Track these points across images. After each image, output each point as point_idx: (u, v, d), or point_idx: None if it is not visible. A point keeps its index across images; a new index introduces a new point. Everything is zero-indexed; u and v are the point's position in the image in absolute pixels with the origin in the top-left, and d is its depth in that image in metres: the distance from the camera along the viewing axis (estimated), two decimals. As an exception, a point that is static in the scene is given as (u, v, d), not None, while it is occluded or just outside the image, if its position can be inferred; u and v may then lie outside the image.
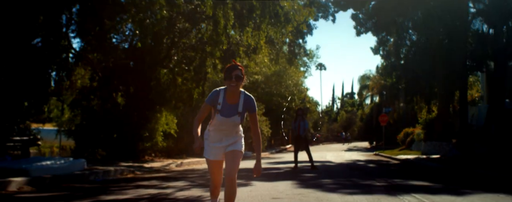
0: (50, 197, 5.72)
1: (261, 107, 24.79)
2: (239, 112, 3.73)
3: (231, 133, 3.82)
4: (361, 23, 20.31)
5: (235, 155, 3.78)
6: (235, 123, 3.75)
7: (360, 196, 5.75)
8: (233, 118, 3.72)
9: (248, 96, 3.80)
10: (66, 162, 9.03)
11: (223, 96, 3.75)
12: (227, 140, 3.82)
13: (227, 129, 3.79)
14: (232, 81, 3.64)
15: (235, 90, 3.68)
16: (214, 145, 3.82)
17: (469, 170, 10.11)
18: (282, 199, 5.50)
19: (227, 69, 3.73)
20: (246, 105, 3.76)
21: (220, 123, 3.74)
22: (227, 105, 3.74)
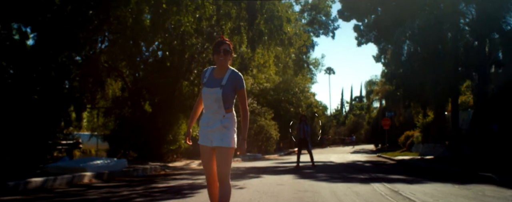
0: (117, 186, 7.92)
1: (270, 112, 26.97)
2: (222, 85, 3.67)
3: (217, 112, 3.69)
4: (362, 34, 22.44)
5: (221, 154, 3.66)
6: (217, 96, 3.65)
7: (341, 183, 7.89)
8: (215, 90, 3.66)
9: (236, 73, 3.78)
10: (112, 161, 11.25)
11: (211, 72, 3.81)
12: (214, 123, 3.69)
13: (210, 106, 3.70)
14: (220, 55, 3.68)
15: (223, 64, 3.71)
16: (203, 128, 3.78)
17: (446, 168, 12.14)
18: (284, 185, 7.67)
19: (216, 44, 3.77)
20: (232, 79, 3.71)
21: (204, 96, 3.74)
22: (213, 78, 3.75)
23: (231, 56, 3.76)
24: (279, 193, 6.54)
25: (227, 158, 3.64)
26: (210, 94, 3.66)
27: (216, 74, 3.75)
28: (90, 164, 10.53)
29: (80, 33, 11.88)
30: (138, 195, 6.49)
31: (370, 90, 41.37)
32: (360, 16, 24.50)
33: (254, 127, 23.68)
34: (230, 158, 3.69)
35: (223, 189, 3.61)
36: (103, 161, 11.16)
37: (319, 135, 42.58)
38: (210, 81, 3.73)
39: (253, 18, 10.99)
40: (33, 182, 7.04)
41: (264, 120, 25.73)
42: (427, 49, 19.92)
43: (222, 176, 3.62)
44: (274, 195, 6.36)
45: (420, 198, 5.99)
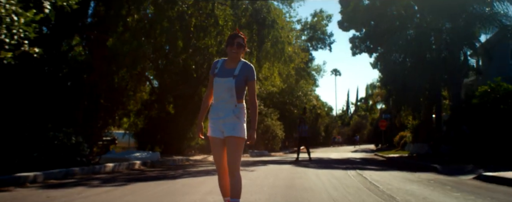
0: (162, 170, 11.09)
1: (276, 113, 30.14)
2: (234, 75, 3.72)
3: (229, 102, 3.75)
4: (356, 45, 25.56)
5: (233, 143, 3.72)
6: (230, 86, 3.71)
7: (325, 170, 11.03)
8: (228, 79, 3.71)
9: (247, 63, 3.85)
10: (148, 153, 14.46)
11: (222, 63, 3.87)
12: (226, 113, 3.75)
13: (222, 97, 3.75)
14: (233, 48, 3.76)
15: (235, 57, 3.79)
16: (213, 120, 3.81)
17: (416, 162, 15.17)
18: (283, 170, 10.83)
19: (230, 37, 3.84)
20: (244, 70, 3.78)
21: (216, 86, 3.78)
22: (225, 69, 3.81)
23: (244, 50, 3.84)
24: (279, 173, 9.71)
25: (238, 147, 3.73)
26: (223, 83, 3.73)
27: (228, 65, 3.83)
28: (132, 155, 13.75)
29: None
30: (182, 174, 9.67)
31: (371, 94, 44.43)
32: (357, 27, 27.62)
33: (261, 127, 26.86)
34: (241, 148, 3.78)
35: (234, 180, 3.70)
36: (141, 153, 14.39)
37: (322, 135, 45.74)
38: (221, 71, 3.80)
39: (261, 42, 14.12)
40: (107, 166, 10.24)
41: (270, 120, 28.89)
42: (415, 59, 22.97)
43: (233, 165, 3.71)
44: (275, 174, 9.52)
45: (373, 178, 9.08)
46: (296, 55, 17.02)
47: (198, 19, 13.39)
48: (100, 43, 11.70)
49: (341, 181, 8.29)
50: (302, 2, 27.47)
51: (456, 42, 19.94)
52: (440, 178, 9.25)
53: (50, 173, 7.91)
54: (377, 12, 25.15)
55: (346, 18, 27.90)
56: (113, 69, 12.26)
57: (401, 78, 24.12)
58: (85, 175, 8.96)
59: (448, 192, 6.73)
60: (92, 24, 12.44)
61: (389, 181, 8.46)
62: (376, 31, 24.87)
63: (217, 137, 3.81)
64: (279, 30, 14.58)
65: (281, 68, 16.86)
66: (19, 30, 5.50)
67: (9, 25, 5.39)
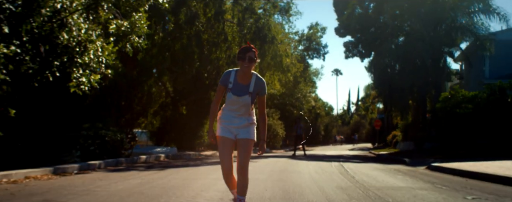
0: (184, 161, 14.04)
1: (277, 112, 33.14)
2: (250, 92, 4.02)
3: (242, 115, 4.09)
4: (349, 50, 28.55)
5: (247, 144, 4.09)
6: (246, 103, 4.02)
7: (315, 162, 14.00)
8: (244, 97, 4.01)
9: (260, 78, 4.12)
10: (168, 149, 17.46)
11: (235, 76, 4.08)
12: (240, 121, 4.10)
13: (238, 110, 4.06)
14: (245, 62, 3.97)
15: (247, 71, 4.02)
16: (225, 124, 4.14)
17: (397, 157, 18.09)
18: (280, 161, 13.81)
19: (242, 50, 4.05)
20: (257, 86, 4.07)
21: (231, 101, 4.07)
22: (238, 84, 4.05)
23: (255, 63, 4.03)
24: (276, 163, 12.70)
25: (250, 149, 4.12)
26: (239, 101, 4.02)
27: (241, 79, 4.05)
28: (154, 150, 16.79)
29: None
30: (200, 164, 12.65)
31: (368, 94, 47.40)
32: (352, 33, 30.57)
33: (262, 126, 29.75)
34: (252, 148, 4.17)
35: (244, 179, 4.06)
36: (161, 148, 17.43)
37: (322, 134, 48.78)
38: (236, 88, 4.04)
39: (263, 55, 17.10)
40: (141, 158, 13.24)
41: (272, 120, 31.86)
42: (403, 64, 25.89)
43: (245, 164, 4.05)
44: (273, 164, 12.51)
45: (349, 167, 12.02)
46: (293, 66, 20.10)
47: (211, 36, 16.39)
48: (132, 57, 14.66)
49: (323, 168, 11.26)
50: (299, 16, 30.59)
51: (437, 50, 22.87)
52: (401, 168, 12.20)
53: (106, 162, 10.91)
54: (369, 20, 28.05)
55: (342, 25, 30.80)
56: (143, 79, 15.25)
57: (391, 82, 27.08)
58: (129, 163, 11.97)
59: (395, 176, 9.67)
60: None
61: (360, 169, 11.42)
62: (367, 37, 27.80)
63: (228, 137, 4.12)
64: (278, 45, 17.61)
65: (281, 76, 19.95)
66: (103, 59, 8.38)
67: (95, 55, 8.27)
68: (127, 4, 8.66)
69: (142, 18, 8.62)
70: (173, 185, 7.07)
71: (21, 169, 7.61)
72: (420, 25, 23.52)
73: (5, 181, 6.89)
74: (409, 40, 25.38)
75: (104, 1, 7.53)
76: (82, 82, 7.53)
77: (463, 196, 6.16)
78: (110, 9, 8.04)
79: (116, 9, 8.55)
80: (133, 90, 14.71)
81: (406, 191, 6.75)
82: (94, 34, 7.91)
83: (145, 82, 15.66)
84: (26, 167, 7.95)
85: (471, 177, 8.88)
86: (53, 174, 8.31)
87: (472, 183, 7.96)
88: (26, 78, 7.04)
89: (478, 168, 9.67)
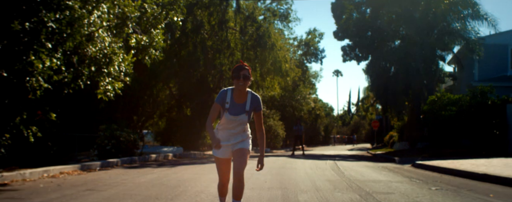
0: (190, 159, 15.37)
1: (277, 114, 34.46)
2: (246, 111, 4.19)
3: (239, 132, 4.30)
4: (347, 53, 29.89)
5: (243, 153, 4.28)
6: (243, 121, 4.23)
7: (311, 160, 15.33)
8: (241, 116, 4.19)
9: (255, 96, 4.30)
10: (174, 148, 18.78)
11: (231, 96, 4.22)
12: (235, 139, 4.30)
13: (234, 128, 4.25)
14: (239, 81, 4.13)
15: (242, 89, 4.19)
16: (222, 143, 4.27)
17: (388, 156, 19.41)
18: (279, 160, 15.14)
19: (235, 69, 4.21)
20: (253, 104, 4.26)
21: (228, 121, 4.21)
22: (235, 104, 4.20)
23: (249, 81, 4.22)
24: (276, 161, 14.03)
25: (246, 157, 4.35)
26: (236, 120, 4.24)
27: (237, 99, 4.24)
28: (162, 149, 18.11)
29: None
30: (206, 162, 13.96)
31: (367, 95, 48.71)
32: (350, 37, 31.94)
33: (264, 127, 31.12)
34: (249, 156, 4.39)
35: (240, 185, 4.24)
36: (168, 148, 18.74)
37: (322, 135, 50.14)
38: (233, 108, 4.22)
39: (264, 61, 18.45)
40: (152, 156, 14.57)
41: (272, 121, 33.18)
42: (399, 67, 27.22)
43: (242, 171, 4.23)
44: (273, 162, 13.83)
45: (342, 165, 13.33)
46: (291, 71, 21.49)
47: (215, 43, 17.75)
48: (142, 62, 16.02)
49: (318, 166, 12.59)
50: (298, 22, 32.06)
51: (430, 54, 24.21)
52: (389, 166, 13.51)
53: (122, 160, 12.24)
54: (365, 24, 29.37)
55: (340, 29, 32.12)
56: (152, 83, 16.60)
57: (387, 84, 28.42)
58: (141, 161, 13.32)
59: (380, 172, 10.99)
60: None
61: (351, 166, 12.74)
62: (364, 41, 29.15)
63: (225, 158, 4.38)
64: (278, 51, 18.97)
65: (280, 81, 21.35)
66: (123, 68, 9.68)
67: (118, 65, 9.56)
68: (146, 22, 9.96)
69: (159, 34, 9.94)
70: (187, 178, 8.40)
71: (55, 165, 8.94)
72: (414, 30, 24.82)
73: (45, 176, 8.22)
74: (404, 44, 26.76)
75: (130, 20, 8.85)
76: (108, 90, 8.84)
77: (429, 187, 7.48)
78: (133, 27, 9.36)
79: (137, 26, 9.85)
80: (143, 94, 16.03)
81: (384, 183, 8.07)
82: (116, 46, 9.23)
83: (154, 86, 17.03)
84: (57, 164, 9.28)
85: (446, 173, 10.20)
86: (81, 170, 9.64)
87: (444, 178, 9.27)
88: (61, 86, 8.34)
89: (454, 165, 10.98)
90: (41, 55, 7.21)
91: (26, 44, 7.10)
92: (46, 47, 7.33)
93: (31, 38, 7.10)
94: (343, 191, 6.88)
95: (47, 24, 7.29)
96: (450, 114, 16.22)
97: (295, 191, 6.84)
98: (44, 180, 7.84)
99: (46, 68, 7.32)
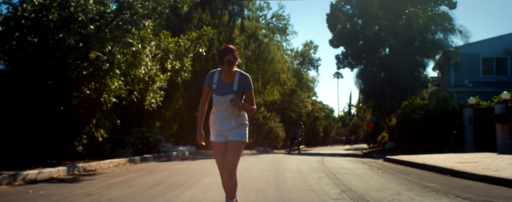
0: (204, 156, 19.10)
1: (278, 116, 38.26)
2: (233, 91, 4.19)
3: (231, 115, 4.31)
4: (340, 61, 33.69)
5: (235, 147, 4.31)
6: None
7: (303, 156, 19.08)
8: (228, 96, 4.21)
9: (243, 74, 4.29)
10: (188, 147, 22.53)
11: (218, 76, 4.29)
12: (229, 123, 4.34)
13: (225, 110, 4.29)
14: (224, 67, 4.21)
15: (229, 73, 4.27)
16: (216, 128, 4.42)
17: (373, 154, 23.08)
18: (277, 156, 18.89)
19: (220, 53, 4.24)
20: (241, 83, 4.24)
21: (217, 103, 4.30)
22: (222, 84, 4.26)
23: (236, 62, 4.25)
24: (274, 157, 17.79)
25: (239, 150, 4.37)
26: (224, 100, 4.29)
27: (224, 79, 4.32)
28: (178, 148, 21.88)
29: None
30: (218, 158, 17.70)
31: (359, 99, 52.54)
32: (344, 45, 35.72)
33: (265, 128, 34.97)
34: (241, 150, 4.44)
35: (232, 182, 4.32)
36: (183, 147, 22.53)
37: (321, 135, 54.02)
38: (220, 88, 4.31)
39: (265, 72, 22.19)
40: (173, 153, 18.32)
41: (273, 123, 36.94)
42: (387, 73, 31.01)
43: (232, 166, 4.28)
44: (270, 157, 17.58)
45: (327, 159, 17.01)
46: (288, 80, 25.44)
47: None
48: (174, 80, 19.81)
49: (307, 160, 16.31)
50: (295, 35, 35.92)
51: (412, 62, 27.99)
52: (366, 160, 17.22)
53: (153, 155, 15.99)
54: (357, 35, 33.19)
55: (335, 38, 35.91)
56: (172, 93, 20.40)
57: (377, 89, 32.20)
58: (167, 157, 17.08)
59: (354, 164, 14.68)
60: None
61: (333, 160, 16.45)
62: (356, 50, 32.96)
63: (221, 142, 4.45)
64: (276, 64, 22.78)
65: (279, 89, 25.19)
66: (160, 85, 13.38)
67: (159, 83, 13.22)
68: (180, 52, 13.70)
69: (188, 60, 13.69)
70: (210, 167, 12.12)
71: (112, 159, 12.69)
72: (397, 41, 28.54)
73: (111, 165, 11.94)
74: (391, 53, 30.55)
75: (171, 53, 12.64)
76: (152, 102, 12.60)
77: (377, 172, 11.20)
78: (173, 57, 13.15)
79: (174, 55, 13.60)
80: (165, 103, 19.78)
81: (348, 169, 11.79)
82: (155, 69, 12.99)
83: (173, 95, 20.77)
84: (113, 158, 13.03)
85: (401, 164, 13.91)
86: (129, 162, 13.36)
87: (397, 167, 12.99)
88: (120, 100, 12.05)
89: (410, 158, 14.70)
90: (113, 79, 10.95)
91: (105, 70, 10.81)
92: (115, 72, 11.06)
93: (108, 66, 10.82)
94: (316, 172, 10.60)
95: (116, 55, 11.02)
96: (418, 117, 19.93)
97: (284, 172, 10.58)
98: (112, 168, 11.57)
99: (115, 88, 11.06)
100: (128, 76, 11.90)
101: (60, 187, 7.55)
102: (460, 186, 7.98)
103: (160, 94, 13.31)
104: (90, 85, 10.91)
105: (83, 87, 10.86)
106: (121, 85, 11.15)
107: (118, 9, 11.42)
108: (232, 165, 4.27)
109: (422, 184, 8.16)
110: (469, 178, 9.14)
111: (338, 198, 6.39)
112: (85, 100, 10.93)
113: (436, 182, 8.64)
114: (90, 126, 11.56)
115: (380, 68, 31.56)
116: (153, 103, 12.69)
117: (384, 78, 31.14)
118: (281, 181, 8.55)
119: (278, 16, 25.93)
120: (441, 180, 9.10)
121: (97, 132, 11.77)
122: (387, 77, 30.75)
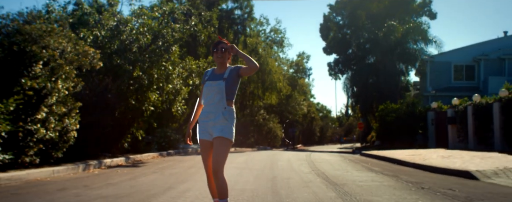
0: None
1: (276, 117, 42.61)
2: (224, 78, 4.30)
3: (218, 105, 4.28)
4: (332, 68, 38.08)
5: (219, 144, 4.19)
6: (220, 88, 4.26)
7: (295, 152, 23.38)
8: (218, 82, 4.29)
9: (234, 66, 4.46)
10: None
11: (212, 71, 4.51)
12: (215, 116, 4.28)
13: (212, 99, 4.29)
14: (218, 53, 4.33)
15: (221, 62, 4.36)
16: (202, 122, 4.37)
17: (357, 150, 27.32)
18: (273, 152, 23.19)
19: (214, 44, 4.41)
20: (232, 71, 4.37)
21: (207, 90, 4.34)
22: (215, 75, 4.43)
23: (230, 54, 4.37)
24: (271, 152, 22.09)
25: (225, 148, 4.22)
26: (213, 86, 4.30)
27: (217, 70, 4.46)
28: (192, 146, 26.16)
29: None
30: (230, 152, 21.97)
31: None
32: (336, 52, 40.12)
33: (265, 129, 39.31)
34: (228, 149, 4.26)
35: (219, 181, 4.17)
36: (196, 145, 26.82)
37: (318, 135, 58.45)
38: (212, 77, 4.43)
39: (263, 82, 26.43)
40: (189, 149, 22.62)
41: (272, 123, 41.27)
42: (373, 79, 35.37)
43: (218, 166, 4.15)
44: (269, 152, 21.86)
45: (314, 155, 21.27)
46: (284, 87, 29.92)
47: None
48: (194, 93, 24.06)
49: (298, 154, 20.56)
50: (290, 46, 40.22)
51: (393, 69, 32.38)
52: (347, 156, 21.47)
53: (174, 151, 20.26)
54: (347, 44, 37.63)
55: (328, 46, 40.35)
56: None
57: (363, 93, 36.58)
58: (184, 153, 21.39)
59: (335, 157, 18.91)
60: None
61: (319, 155, 20.70)
62: (346, 58, 37.43)
63: (206, 139, 4.39)
64: (273, 74, 27.13)
65: (276, 95, 29.60)
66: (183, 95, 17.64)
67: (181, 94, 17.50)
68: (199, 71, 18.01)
69: (205, 78, 17.99)
70: (222, 158, 16.44)
71: (146, 153, 16.94)
72: (379, 50, 32.89)
73: (148, 158, 16.19)
74: (376, 61, 34.95)
75: (194, 73, 16.98)
76: (178, 110, 16.89)
77: (347, 162, 15.45)
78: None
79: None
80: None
81: (326, 160, 16.04)
82: (179, 83, 17.27)
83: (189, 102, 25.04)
84: (148, 152, 17.29)
85: (371, 157, 18.12)
86: (159, 156, 17.61)
87: (366, 159, 17.23)
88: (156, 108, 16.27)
89: (378, 153, 18.92)
90: (153, 92, 15.22)
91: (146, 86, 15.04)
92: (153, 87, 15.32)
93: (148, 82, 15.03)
94: (301, 161, 14.86)
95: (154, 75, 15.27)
96: (391, 119, 24.22)
97: (277, 161, 14.87)
98: (150, 159, 15.83)
99: (154, 99, 15.35)
100: (162, 90, 16.15)
101: (131, 169, 11.81)
102: (394, 169, 12.21)
103: (182, 103, 17.57)
104: (134, 97, 15.19)
105: (130, 99, 15.13)
106: (158, 97, 15.40)
107: (153, 38, 15.73)
108: (218, 164, 4.20)
109: (369, 168, 12.41)
110: (406, 165, 13.35)
111: (308, 172, 10.66)
112: (131, 108, 15.18)
113: (381, 167, 12.87)
114: (133, 127, 15.81)
115: (367, 74, 35.92)
116: (179, 110, 16.93)
117: (371, 83, 35.51)
118: (274, 166, 12.84)
119: (275, 30, 30.32)
120: (386, 166, 13.36)
121: (137, 132, 16.04)
122: (373, 82, 35.12)
